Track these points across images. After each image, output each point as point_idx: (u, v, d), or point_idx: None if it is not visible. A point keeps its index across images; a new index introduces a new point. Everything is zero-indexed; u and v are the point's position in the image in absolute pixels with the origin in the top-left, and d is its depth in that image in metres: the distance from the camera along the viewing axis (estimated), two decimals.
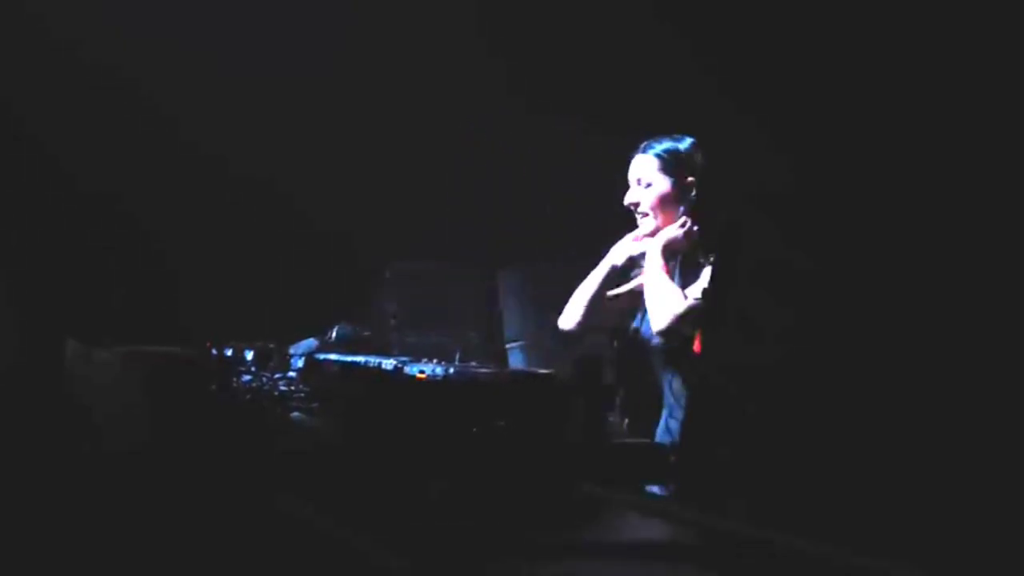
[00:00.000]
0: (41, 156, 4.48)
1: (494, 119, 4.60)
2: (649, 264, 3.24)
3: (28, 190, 4.45)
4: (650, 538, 1.87)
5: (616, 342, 3.38)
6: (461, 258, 4.15)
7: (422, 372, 2.41)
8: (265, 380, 2.79)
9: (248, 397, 2.65)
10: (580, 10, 4.70)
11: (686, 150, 3.35)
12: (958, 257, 2.24)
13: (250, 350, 2.95)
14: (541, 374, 2.72)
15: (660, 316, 3.15)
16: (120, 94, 4.61)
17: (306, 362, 2.94)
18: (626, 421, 3.09)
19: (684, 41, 4.67)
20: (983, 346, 2.15)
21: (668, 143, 3.35)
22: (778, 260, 2.30)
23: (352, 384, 2.50)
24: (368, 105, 4.76)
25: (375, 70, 4.83)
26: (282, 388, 2.74)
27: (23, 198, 4.44)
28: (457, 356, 3.42)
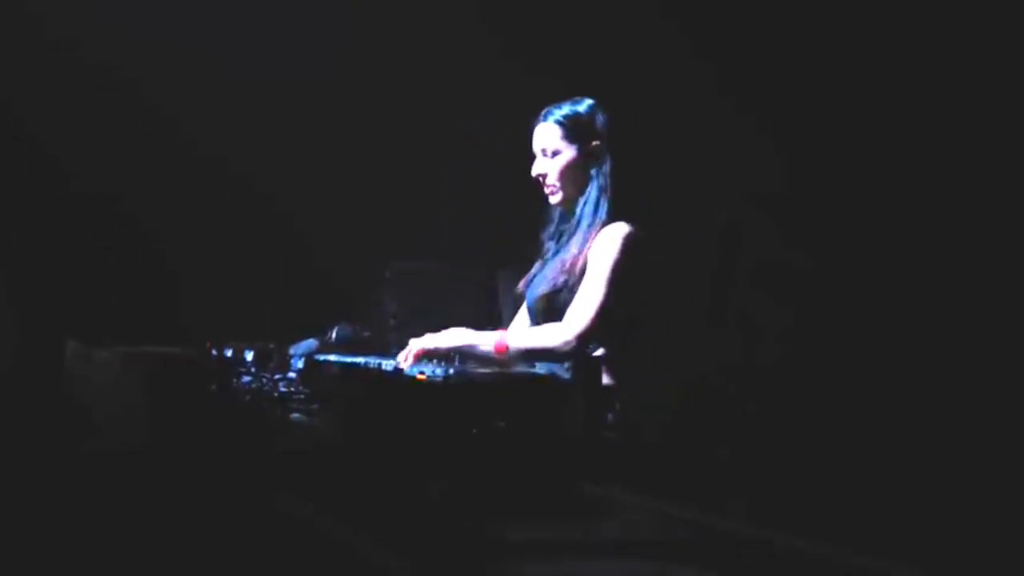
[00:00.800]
0: (41, 156, 4.48)
1: (494, 119, 4.60)
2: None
3: (28, 190, 4.45)
4: (650, 538, 1.87)
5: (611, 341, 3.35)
6: (461, 258, 4.15)
7: (422, 373, 2.41)
8: (265, 381, 2.79)
9: (248, 398, 2.65)
10: (582, 10, 4.70)
11: (587, 113, 3.22)
12: (957, 258, 2.24)
13: (250, 351, 2.95)
14: (541, 374, 2.72)
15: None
16: (120, 94, 4.61)
17: (306, 363, 2.93)
18: (626, 421, 3.09)
19: (685, 40, 4.67)
20: (983, 347, 2.15)
21: (568, 108, 3.23)
22: (778, 260, 2.30)
23: (352, 385, 2.49)
24: (368, 105, 4.76)
25: (375, 70, 4.83)
26: (282, 389, 2.74)
27: (23, 198, 4.43)
28: (457, 357, 3.43)
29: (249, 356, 2.93)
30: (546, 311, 3.22)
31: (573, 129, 3.22)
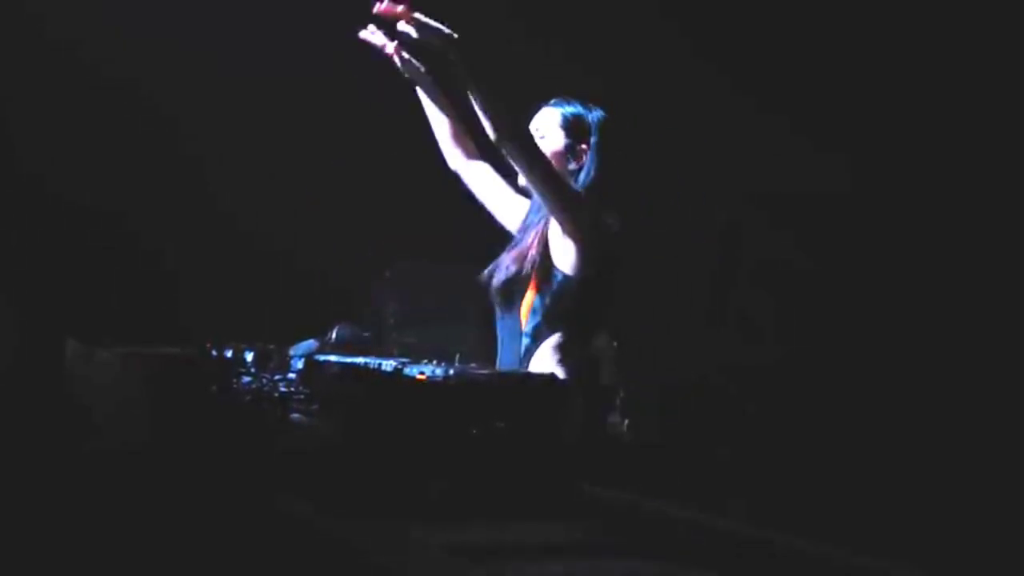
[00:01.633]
0: (40, 157, 4.49)
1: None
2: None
3: (29, 189, 4.45)
4: (650, 538, 1.87)
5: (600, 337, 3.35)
6: (461, 258, 4.15)
7: (422, 373, 2.41)
8: (265, 381, 2.79)
9: (248, 398, 2.65)
10: (584, 10, 4.70)
11: (592, 120, 3.25)
12: (957, 258, 2.24)
13: (250, 351, 2.95)
14: (540, 375, 2.73)
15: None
16: (119, 93, 4.61)
17: (306, 363, 2.93)
18: (626, 421, 3.09)
19: (685, 39, 4.67)
20: (982, 347, 2.15)
21: (578, 107, 3.26)
22: (778, 260, 2.30)
23: (352, 385, 2.49)
24: (368, 104, 4.76)
25: (375, 69, 4.83)
26: (282, 389, 2.74)
27: (24, 198, 4.44)
28: (457, 357, 3.42)
29: (249, 356, 2.93)
30: (505, 302, 3.22)
31: (572, 124, 3.24)
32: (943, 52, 4.09)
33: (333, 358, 2.92)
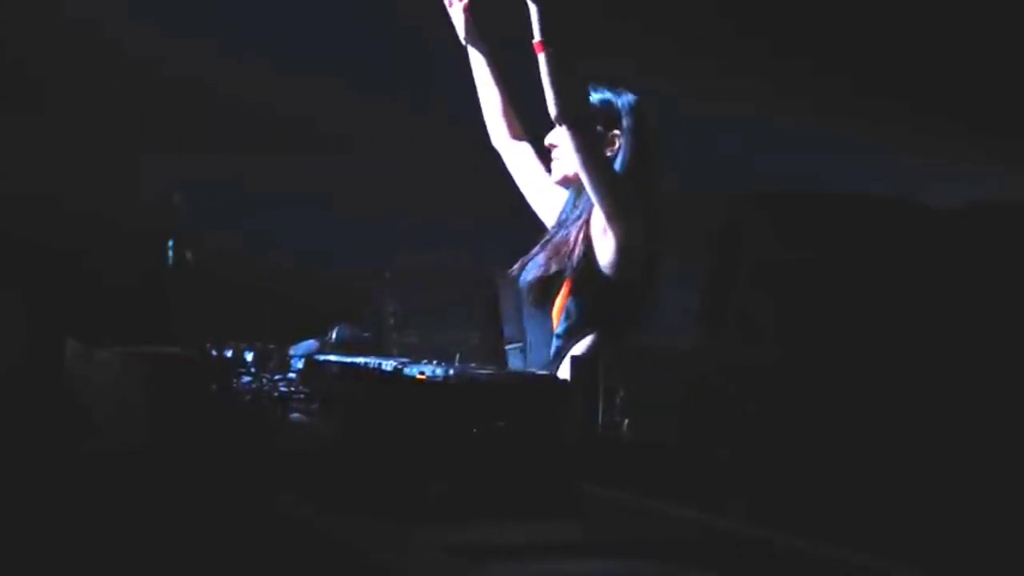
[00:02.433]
0: (41, 156, 4.49)
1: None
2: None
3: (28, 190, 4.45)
4: (649, 538, 1.87)
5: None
6: (461, 258, 4.15)
7: (422, 373, 2.41)
8: (265, 381, 2.79)
9: (248, 398, 2.65)
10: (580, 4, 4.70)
11: (622, 105, 3.09)
12: (957, 257, 2.24)
13: (250, 351, 2.95)
14: (540, 374, 2.73)
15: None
16: (118, 94, 4.61)
17: (306, 363, 2.93)
18: (626, 421, 3.08)
19: (685, 38, 4.67)
20: (983, 346, 2.15)
21: (607, 93, 3.10)
22: (778, 260, 2.30)
23: (352, 385, 2.49)
24: (368, 104, 4.76)
25: (375, 69, 4.83)
26: (282, 389, 2.74)
27: (23, 198, 4.44)
28: (457, 357, 3.42)
29: (249, 356, 2.93)
30: (538, 300, 3.11)
31: (600, 111, 3.08)
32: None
33: (333, 358, 2.92)
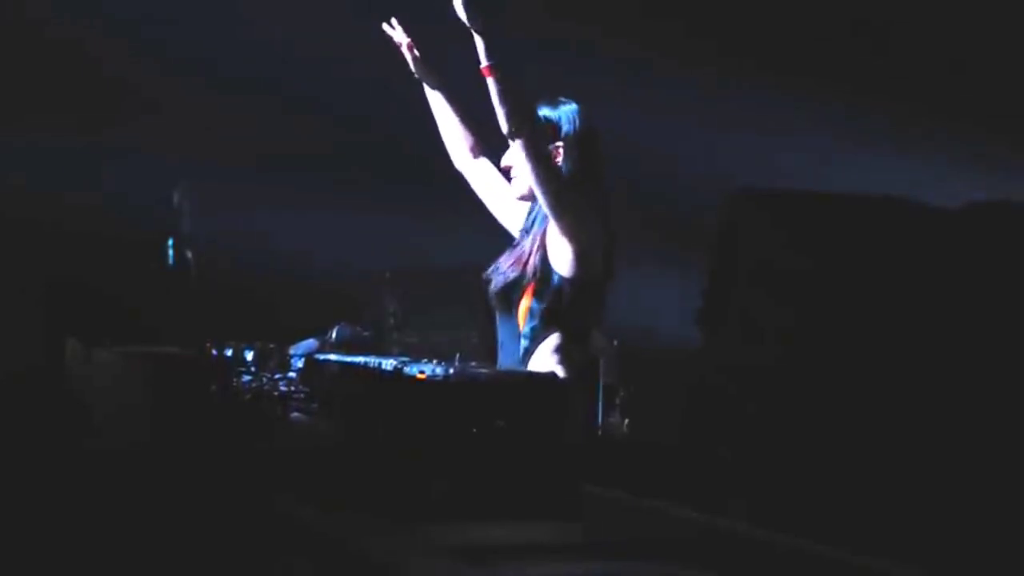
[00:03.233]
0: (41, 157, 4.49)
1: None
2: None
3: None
4: (650, 538, 1.87)
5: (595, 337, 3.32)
6: (461, 259, 4.15)
7: (422, 372, 2.41)
8: (265, 380, 2.79)
9: (248, 397, 2.65)
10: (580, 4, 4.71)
11: (557, 116, 3.20)
12: (958, 257, 2.24)
13: (250, 350, 2.95)
14: (540, 374, 2.73)
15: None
16: (118, 93, 4.61)
17: (306, 363, 2.94)
18: (626, 421, 3.08)
19: (686, 36, 4.67)
20: (984, 346, 2.15)
21: (545, 108, 3.22)
22: (778, 260, 2.30)
23: (352, 385, 2.49)
24: (368, 104, 4.76)
25: (375, 69, 4.83)
26: (282, 388, 2.74)
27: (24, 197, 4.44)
28: (457, 356, 3.42)
29: (249, 356, 2.94)
30: (503, 305, 3.23)
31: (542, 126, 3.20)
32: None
33: (333, 357, 2.92)
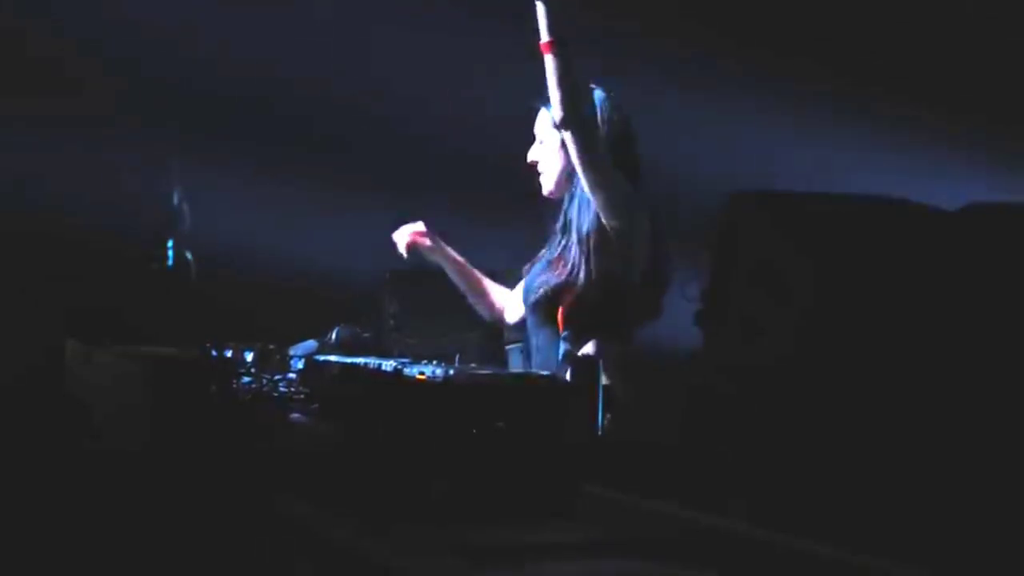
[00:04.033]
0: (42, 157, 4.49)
1: (496, 121, 4.60)
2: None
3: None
4: (649, 538, 1.87)
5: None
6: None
7: (422, 373, 2.41)
8: (265, 381, 2.79)
9: (248, 398, 2.65)
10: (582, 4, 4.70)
11: (596, 103, 3.12)
12: (958, 257, 2.24)
13: (250, 351, 2.95)
14: (540, 375, 2.73)
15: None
16: (118, 92, 4.61)
17: (306, 364, 2.94)
18: (625, 421, 3.08)
19: (685, 37, 4.67)
20: (984, 346, 2.15)
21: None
22: (778, 260, 2.30)
23: (352, 385, 2.49)
24: (368, 104, 4.76)
25: (375, 70, 4.83)
26: (282, 389, 2.74)
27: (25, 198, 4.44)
28: (457, 357, 3.42)
29: (249, 357, 2.94)
30: (544, 309, 3.17)
31: None
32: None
33: (333, 358, 2.92)
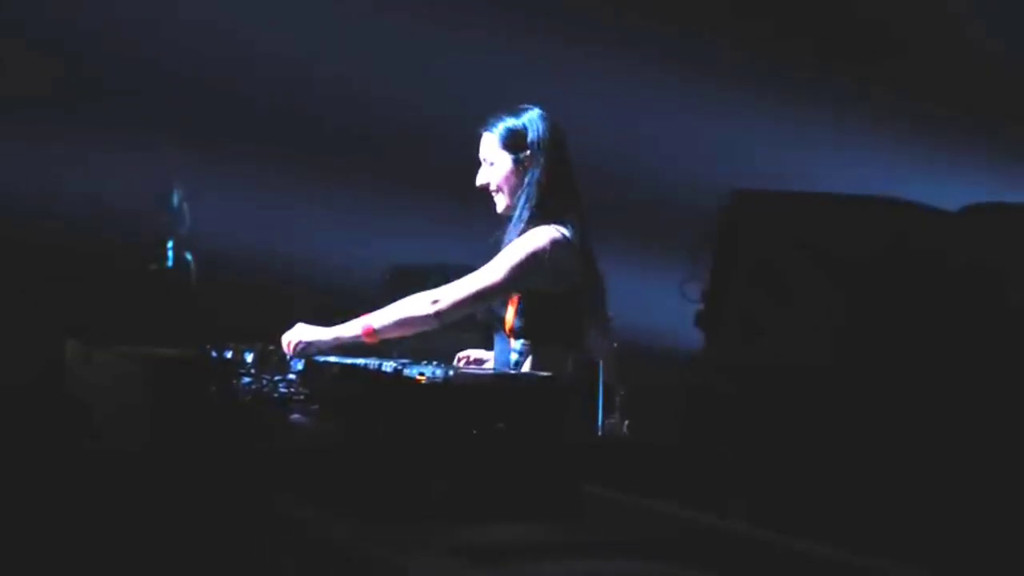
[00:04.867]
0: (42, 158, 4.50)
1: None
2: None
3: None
4: (650, 538, 1.87)
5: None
6: (459, 261, 4.15)
7: (422, 374, 2.41)
8: (265, 382, 2.80)
9: (248, 399, 2.65)
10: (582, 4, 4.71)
11: (524, 123, 3.26)
12: (958, 257, 2.24)
13: (250, 352, 2.96)
14: (541, 376, 2.73)
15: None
16: (119, 92, 4.62)
17: (306, 364, 2.94)
18: (627, 421, 3.09)
19: (685, 36, 4.67)
20: (984, 346, 2.15)
21: (506, 118, 3.28)
22: (778, 260, 2.30)
23: (352, 386, 2.50)
24: (369, 104, 4.77)
25: (376, 70, 4.84)
26: (282, 390, 2.75)
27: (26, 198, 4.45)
28: (457, 358, 3.42)
29: (249, 357, 2.94)
30: (493, 319, 3.27)
31: (508, 139, 3.26)
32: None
33: (333, 359, 2.93)
